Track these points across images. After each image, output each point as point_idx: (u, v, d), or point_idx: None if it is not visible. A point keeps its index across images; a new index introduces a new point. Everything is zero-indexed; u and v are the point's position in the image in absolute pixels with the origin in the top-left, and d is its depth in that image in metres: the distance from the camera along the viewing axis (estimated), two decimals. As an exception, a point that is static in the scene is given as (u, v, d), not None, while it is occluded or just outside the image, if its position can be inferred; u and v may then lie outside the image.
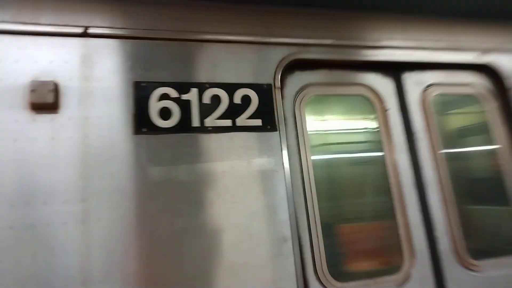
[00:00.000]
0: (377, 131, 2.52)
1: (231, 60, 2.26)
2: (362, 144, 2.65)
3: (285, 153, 2.18)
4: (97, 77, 2.01)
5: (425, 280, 2.30)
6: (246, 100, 2.21)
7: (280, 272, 2.00)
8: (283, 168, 2.16)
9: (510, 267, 2.47)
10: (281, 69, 2.32)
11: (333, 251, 2.28)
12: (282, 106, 2.29)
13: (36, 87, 1.87)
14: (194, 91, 2.14)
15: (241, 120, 2.17)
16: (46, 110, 1.89)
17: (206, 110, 2.14)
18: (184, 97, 2.12)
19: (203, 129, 2.10)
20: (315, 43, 2.45)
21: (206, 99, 2.15)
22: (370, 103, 2.56)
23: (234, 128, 2.15)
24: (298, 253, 2.05)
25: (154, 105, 2.05)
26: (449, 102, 2.80)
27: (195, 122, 2.10)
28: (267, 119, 2.22)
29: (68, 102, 1.95)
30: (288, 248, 2.05)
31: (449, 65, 2.75)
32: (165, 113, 2.06)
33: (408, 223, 2.37)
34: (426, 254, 2.35)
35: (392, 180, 2.43)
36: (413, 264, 2.30)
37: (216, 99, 2.17)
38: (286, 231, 2.07)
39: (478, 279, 2.36)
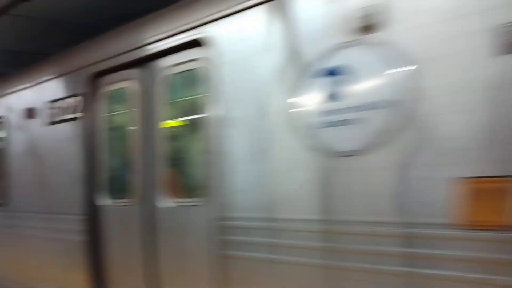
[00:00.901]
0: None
1: (72, 84, 4.43)
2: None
3: (81, 126, 4.22)
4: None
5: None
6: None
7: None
8: (80, 134, 4.24)
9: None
10: (87, 82, 4.20)
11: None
12: (89, 103, 4.21)
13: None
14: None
15: (77, 114, 4.37)
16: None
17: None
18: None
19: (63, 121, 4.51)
20: (102, 59, 4.07)
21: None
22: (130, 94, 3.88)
23: (74, 119, 4.39)
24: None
25: None
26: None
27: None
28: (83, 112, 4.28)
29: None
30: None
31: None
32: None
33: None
34: None
35: None
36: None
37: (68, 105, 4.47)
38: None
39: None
